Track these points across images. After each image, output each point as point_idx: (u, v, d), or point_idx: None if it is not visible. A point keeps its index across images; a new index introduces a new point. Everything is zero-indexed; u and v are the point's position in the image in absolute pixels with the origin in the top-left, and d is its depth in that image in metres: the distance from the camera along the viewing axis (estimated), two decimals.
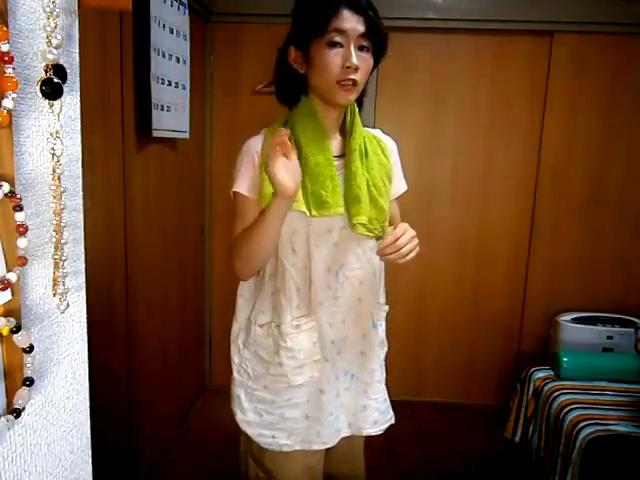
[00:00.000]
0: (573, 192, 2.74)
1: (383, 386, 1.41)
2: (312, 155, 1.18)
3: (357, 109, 1.27)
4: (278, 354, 1.25)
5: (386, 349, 1.42)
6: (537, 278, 2.82)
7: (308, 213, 1.18)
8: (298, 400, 1.29)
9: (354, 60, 1.11)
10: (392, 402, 1.44)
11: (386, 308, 1.39)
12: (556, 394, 2.18)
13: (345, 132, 1.27)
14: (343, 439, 1.38)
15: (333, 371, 1.30)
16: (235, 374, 1.34)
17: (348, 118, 1.26)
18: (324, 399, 1.29)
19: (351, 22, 1.11)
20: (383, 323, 1.39)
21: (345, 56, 1.12)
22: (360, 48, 1.13)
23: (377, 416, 1.38)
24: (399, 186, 1.39)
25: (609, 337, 2.57)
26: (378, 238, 1.28)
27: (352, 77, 1.13)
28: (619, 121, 2.67)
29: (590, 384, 2.24)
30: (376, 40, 1.15)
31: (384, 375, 1.44)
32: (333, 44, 1.12)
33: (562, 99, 2.66)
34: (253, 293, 1.32)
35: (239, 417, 1.32)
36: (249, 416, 1.31)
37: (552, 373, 2.35)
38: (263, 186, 1.18)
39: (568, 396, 2.14)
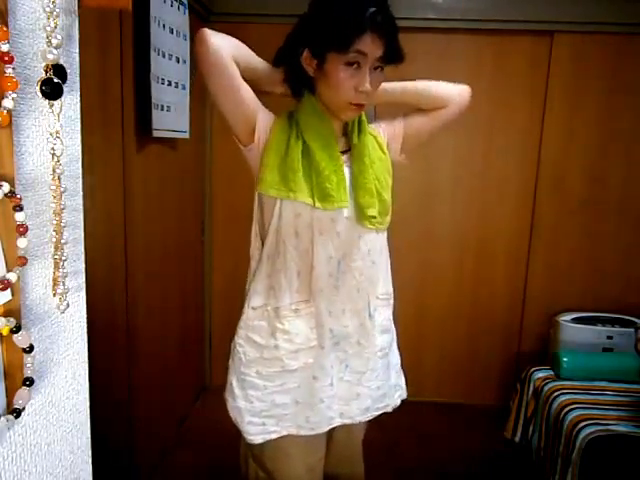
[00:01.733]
0: (573, 192, 2.74)
1: (377, 373, 1.38)
2: (317, 150, 1.20)
3: None
4: (274, 336, 1.25)
5: (388, 335, 1.40)
6: (537, 278, 2.82)
7: (312, 204, 1.19)
8: (290, 385, 1.29)
9: (368, 86, 1.14)
10: None
11: (384, 297, 1.38)
12: (556, 394, 2.18)
13: (346, 131, 1.29)
14: (341, 438, 1.39)
15: (328, 359, 1.30)
16: (229, 361, 1.34)
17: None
18: (317, 386, 1.29)
19: (373, 46, 1.11)
20: (383, 311, 1.38)
21: (360, 81, 1.13)
22: (375, 67, 1.16)
23: (369, 403, 1.38)
24: (399, 123, 1.37)
25: (609, 337, 2.56)
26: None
27: (363, 102, 1.17)
28: (619, 121, 2.67)
29: (590, 384, 2.24)
30: (392, 61, 1.17)
31: (395, 361, 1.45)
32: (351, 64, 1.13)
33: (562, 99, 2.66)
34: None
35: (230, 404, 1.32)
36: (240, 403, 1.30)
37: (552, 373, 2.35)
38: (263, 172, 1.19)
39: (568, 396, 2.14)
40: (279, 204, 1.21)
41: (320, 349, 1.28)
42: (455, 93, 1.33)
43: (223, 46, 1.10)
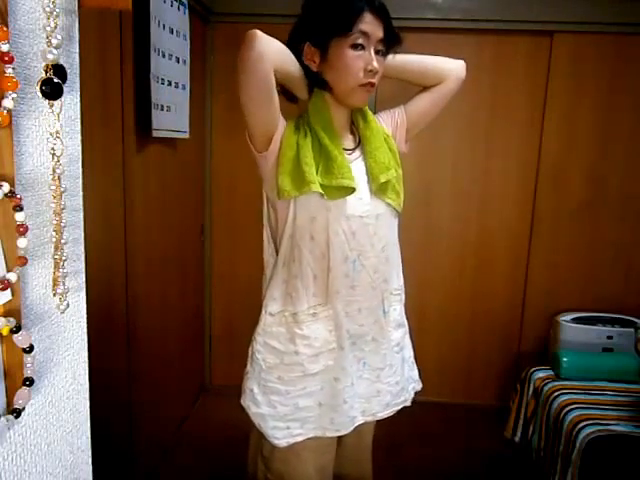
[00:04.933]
0: (573, 192, 2.74)
1: (395, 369, 1.39)
2: (325, 139, 1.20)
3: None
4: (294, 342, 1.25)
5: (402, 329, 1.42)
6: (537, 278, 2.82)
7: (323, 193, 1.18)
8: (312, 389, 1.28)
9: (375, 64, 1.15)
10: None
11: (397, 292, 1.39)
12: (556, 394, 2.18)
13: (352, 129, 1.31)
14: (351, 440, 1.39)
15: (348, 360, 1.30)
16: (248, 366, 1.33)
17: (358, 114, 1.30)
18: (339, 387, 1.29)
19: (373, 26, 1.14)
20: (398, 307, 1.39)
21: (367, 60, 1.15)
22: (377, 52, 1.17)
23: (389, 399, 1.39)
24: (400, 112, 1.41)
25: (609, 337, 2.56)
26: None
27: (372, 80, 1.17)
28: (619, 121, 2.67)
29: (590, 384, 2.24)
30: (391, 45, 1.19)
31: (408, 354, 1.46)
32: (356, 46, 1.14)
33: (562, 99, 2.66)
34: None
35: (253, 410, 1.30)
36: (263, 409, 1.29)
37: (552, 373, 2.35)
38: (278, 180, 1.19)
39: (568, 396, 2.14)
40: (292, 209, 1.21)
41: (340, 350, 1.28)
42: (454, 65, 1.38)
43: (269, 55, 1.06)
